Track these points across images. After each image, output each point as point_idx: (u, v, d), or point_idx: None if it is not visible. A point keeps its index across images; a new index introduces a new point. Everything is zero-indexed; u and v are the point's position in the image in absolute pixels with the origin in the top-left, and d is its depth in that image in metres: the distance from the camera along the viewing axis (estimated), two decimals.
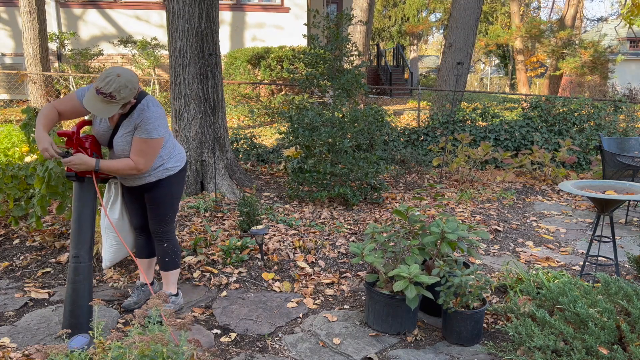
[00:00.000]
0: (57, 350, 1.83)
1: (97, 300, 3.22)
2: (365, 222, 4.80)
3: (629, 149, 5.82)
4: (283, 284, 3.48)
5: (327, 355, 2.66)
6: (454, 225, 3.00)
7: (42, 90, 9.66)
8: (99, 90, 2.48)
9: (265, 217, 4.74)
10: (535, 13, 30.15)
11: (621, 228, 5.10)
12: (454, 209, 5.41)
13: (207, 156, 5.48)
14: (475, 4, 9.18)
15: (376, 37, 27.73)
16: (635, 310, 2.47)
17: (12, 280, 3.48)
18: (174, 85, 5.42)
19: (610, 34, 26.98)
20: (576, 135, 7.94)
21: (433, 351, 2.74)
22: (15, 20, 11.81)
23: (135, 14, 12.35)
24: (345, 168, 5.22)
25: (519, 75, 21.07)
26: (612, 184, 3.46)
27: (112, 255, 2.97)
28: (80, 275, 2.64)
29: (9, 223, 4.33)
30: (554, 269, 3.91)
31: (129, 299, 3.11)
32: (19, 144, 5.89)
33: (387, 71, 18.26)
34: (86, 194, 2.70)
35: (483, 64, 35.94)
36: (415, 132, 8.14)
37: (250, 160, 7.33)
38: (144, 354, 1.85)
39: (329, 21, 5.48)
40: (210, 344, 2.74)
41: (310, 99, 5.91)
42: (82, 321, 2.63)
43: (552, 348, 2.44)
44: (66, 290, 2.66)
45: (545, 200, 6.14)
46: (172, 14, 5.28)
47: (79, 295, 2.63)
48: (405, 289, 2.71)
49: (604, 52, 18.24)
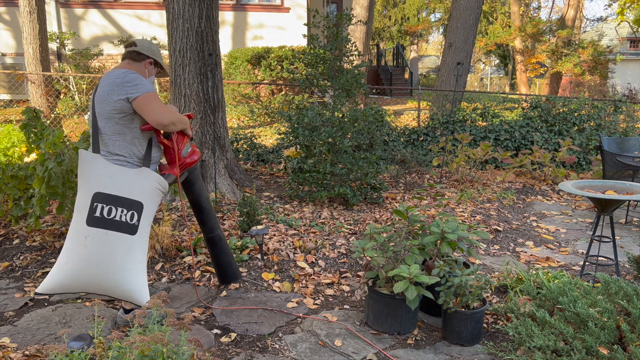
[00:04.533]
0: (57, 350, 1.83)
1: (97, 300, 3.22)
2: (365, 222, 4.80)
3: (629, 149, 5.82)
4: (283, 284, 3.48)
5: (327, 355, 2.66)
6: (454, 225, 3.00)
7: (42, 90, 9.66)
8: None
9: (265, 217, 4.74)
10: (535, 13, 30.16)
11: (621, 228, 5.10)
12: (454, 209, 5.41)
13: (207, 156, 5.48)
14: (475, 4, 9.18)
15: (376, 37, 27.74)
16: (635, 310, 2.47)
17: (12, 280, 3.48)
18: (174, 85, 5.42)
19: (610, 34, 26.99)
20: (576, 135, 7.94)
21: (433, 351, 2.74)
22: (15, 20, 11.81)
23: (136, 13, 12.35)
24: (345, 168, 5.22)
25: (519, 75, 21.06)
26: (612, 184, 3.46)
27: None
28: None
29: (8, 222, 4.34)
30: (554, 269, 3.91)
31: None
32: (19, 144, 5.89)
33: (387, 71, 18.26)
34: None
35: (483, 64, 35.94)
36: (415, 132, 8.14)
37: (250, 160, 7.33)
38: (144, 354, 1.85)
39: (329, 21, 5.48)
40: (210, 344, 2.74)
41: (310, 99, 5.91)
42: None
43: (552, 348, 2.44)
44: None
45: (545, 200, 6.14)
46: (172, 14, 5.28)
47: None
48: (405, 290, 2.71)
49: (603, 52, 18.23)
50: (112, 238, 2.51)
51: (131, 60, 2.77)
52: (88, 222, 2.49)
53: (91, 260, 2.47)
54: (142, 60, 2.79)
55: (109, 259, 2.49)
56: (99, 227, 2.50)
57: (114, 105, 2.58)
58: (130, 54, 2.78)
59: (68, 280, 2.48)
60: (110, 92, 2.58)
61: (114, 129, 2.61)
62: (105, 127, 2.61)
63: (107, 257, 2.49)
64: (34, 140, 3.87)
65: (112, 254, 2.50)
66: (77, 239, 2.48)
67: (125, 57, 2.79)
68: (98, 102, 2.61)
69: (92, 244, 2.48)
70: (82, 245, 2.47)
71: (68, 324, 2.90)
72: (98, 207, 2.51)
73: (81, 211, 2.52)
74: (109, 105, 2.58)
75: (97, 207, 2.50)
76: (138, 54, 2.78)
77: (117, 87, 2.58)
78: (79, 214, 2.52)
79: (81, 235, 2.48)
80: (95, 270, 2.48)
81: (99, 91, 2.63)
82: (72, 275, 2.48)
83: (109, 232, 2.50)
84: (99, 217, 2.50)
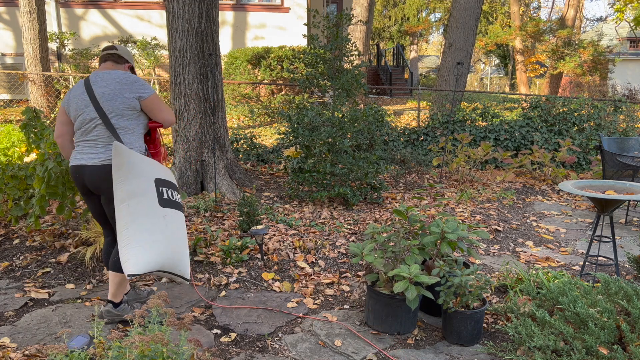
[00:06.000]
0: (57, 350, 1.83)
1: (97, 300, 3.23)
2: (365, 222, 4.79)
3: (629, 149, 5.82)
4: (283, 284, 3.48)
5: (327, 355, 2.66)
6: (453, 225, 3.00)
7: (42, 90, 9.66)
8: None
9: (265, 217, 4.74)
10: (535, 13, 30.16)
11: (621, 228, 5.10)
12: (454, 209, 5.41)
13: (207, 156, 5.48)
14: (475, 4, 9.18)
15: (376, 37, 27.74)
16: (635, 310, 2.47)
17: (12, 280, 3.48)
18: (174, 85, 5.42)
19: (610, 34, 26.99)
20: (576, 135, 7.94)
21: (433, 351, 2.74)
22: (15, 20, 11.81)
23: (136, 13, 12.35)
24: (345, 168, 5.22)
25: (519, 75, 21.06)
26: (612, 184, 3.46)
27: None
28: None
29: (8, 222, 4.34)
30: (554, 268, 3.91)
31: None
32: (19, 143, 5.89)
33: (387, 71, 18.26)
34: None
35: (483, 64, 35.94)
36: (415, 132, 8.14)
37: (250, 160, 7.33)
38: (144, 354, 1.85)
39: (329, 21, 5.48)
40: (210, 344, 2.74)
41: (310, 99, 5.91)
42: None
43: (552, 348, 2.44)
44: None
45: (545, 200, 6.14)
46: (172, 14, 5.28)
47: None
48: (405, 290, 2.71)
49: (603, 52, 18.23)
50: (180, 217, 2.76)
51: (113, 62, 2.89)
52: (160, 203, 2.66)
53: (174, 236, 2.65)
54: (122, 63, 2.92)
55: (180, 235, 2.71)
56: (171, 207, 2.71)
57: (128, 103, 2.72)
58: (112, 56, 2.89)
59: (158, 257, 2.57)
60: (122, 90, 2.71)
61: (126, 125, 2.74)
62: (119, 123, 2.72)
63: (179, 232, 2.70)
64: (34, 140, 3.87)
65: (182, 230, 2.74)
66: (156, 219, 2.61)
67: (107, 59, 2.89)
68: (107, 100, 2.70)
69: (171, 222, 2.66)
70: (163, 224, 2.62)
71: (68, 324, 2.90)
72: (163, 190, 2.70)
73: (146, 195, 2.62)
74: (122, 102, 2.71)
75: (163, 191, 2.70)
76: (120, 57, 2.91)
77: (127, 85, 2.74)
78: (143, 197, 2.61)
79: (159, 216, 2.62)
80: (174, 246, 2.64)
81: (103, 90, 2.71)
82: (161, 253, 2.58)
83: (177, 212, 2.75)
84: (167, 199, 2.71)
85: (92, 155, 2.70)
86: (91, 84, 2.74)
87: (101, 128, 2.71)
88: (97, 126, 2.71)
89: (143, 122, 2.83)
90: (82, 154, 2.73)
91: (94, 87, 2.72)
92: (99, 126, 2.71)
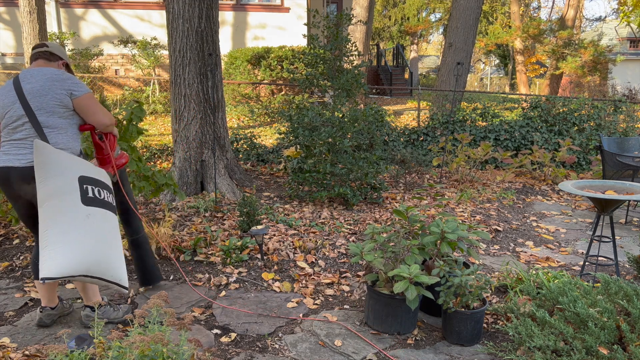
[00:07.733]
0: (57, 350, 1.83)
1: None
2: (365, 222, 4.80)
3: (629, 149, 5.82)
4: (283, 284, 3.48)
5: (327, 355, 2.66)
6: (453, 225, 3.00)
7: None
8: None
9: (265, 217, 4.74)
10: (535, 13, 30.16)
11: (621, 228, 5.10)
12: (454, 209, 5.41)
13: (207, 156, 5.48)
14: (475, 4, 9.19)
15: (376, 37, 27.74)
16: (635, 310, 2.47)
17: (12, 280, 3.48)
18: (174, 85, 5.42)
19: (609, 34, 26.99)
20: (576, 135, 7.94)
21: (433, 351, 2.74)
22: (15, 20, 11.81)
23: (136, 13, 12.35)
24: (345, 168, 5.22)
25: (519, 75, 21.06)
26: (612, 184, 3.46)
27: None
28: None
29: (8, 222, 4.34)
30: (554, 269, 3.91)
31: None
32: None
33: (387, 71, 18.26)
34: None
35: (483, 64, 35.94)
36: (415, 132, 8.14)
37: (250, 160, 7.33)
38: (144, 354, 1.85)
39: (329, 21, 5.48)
40: (210, 344, 2.74)
41: (310, 99, 5.91)
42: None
43: (552, 348, 2.44)
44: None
45: (545, 200, 6.14)
46: (172, 14, 5.28)
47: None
48: (405, 290, 2.71)
49: (603, 52, 18.23)
50: (108, 216, 2.53)
51: (45, 60, 2.72)
52: (84, 202, 2.44)
53: (98, 237, 2.42)
54: (55, 60, 2.76)
55: (109, 237, 2.48)
56: (97, 206, 2.48)
57: (58, 99, 2.55)
58: (44, 54, 2.73)
59: (79, 258, 2.33)
60: (52, 87, 2.55)
61: (57, 123, 2.57)
62: (48, 121, 2.55)
63: (107, 235, 2.47)
64: None
65: (110, 232, 2.49)
66: (77, 219, 2.39)
67: (38, 57, 2.72)
68: (35, 96, 2.53)
69: (94, 221, 2.44)
70: (85, 223, 2.40)
71: (68, 324, 2.90)
72: (88, 188, 2.48)
73: (70, 194, 2.42)
74: (52, 98, 2.54)
75: (88, 189, 2.48)
76: (52, 54, 2.75)
77: (58, 82, 2.56)
78: (67, 196, 2.41)
79: (81, 214, 2.41)
80: (101, 248, 2.41)
81: (32, 86, 2.55)
82: (82, 255, 2.34)
83: (105, 211, 2.52)
84: (93, 197, 2.48)
85: (19, 156, 2.52)
86: (20, 81, 2.57)
87: (29, 127, 2.52)
88: (24, 124, 2.53)
89: (78, 122, 2.67)
90: (8, 154, 2.54)
91: (22, 84, 2.56)
92: (27, 124, 2.52)
